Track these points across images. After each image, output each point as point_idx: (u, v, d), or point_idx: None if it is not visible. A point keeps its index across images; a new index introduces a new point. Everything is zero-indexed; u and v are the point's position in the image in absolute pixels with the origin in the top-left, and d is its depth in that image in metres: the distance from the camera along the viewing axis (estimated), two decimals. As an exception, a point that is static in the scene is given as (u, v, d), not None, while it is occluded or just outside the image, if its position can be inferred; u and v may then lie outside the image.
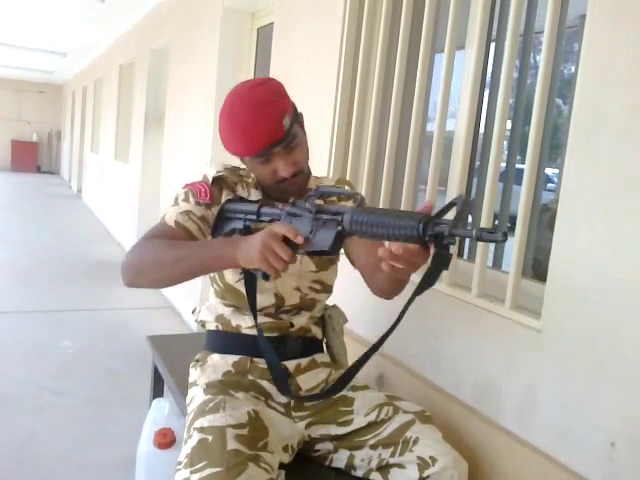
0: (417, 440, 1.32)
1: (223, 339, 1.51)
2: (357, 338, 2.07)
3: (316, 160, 2.42)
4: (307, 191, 1.50)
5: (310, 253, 1.17)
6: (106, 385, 2.98)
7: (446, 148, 1.92)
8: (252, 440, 1.24)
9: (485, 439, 1.55)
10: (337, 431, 1.42)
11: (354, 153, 2.31)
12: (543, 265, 1.54)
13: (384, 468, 1.35)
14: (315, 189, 1.24)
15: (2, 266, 5.28)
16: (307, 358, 1.51)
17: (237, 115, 1.34)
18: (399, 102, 2.10)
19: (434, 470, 1.27)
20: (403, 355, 1.92)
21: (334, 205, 1.16)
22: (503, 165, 1.92)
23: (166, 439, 1.75)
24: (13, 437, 2.39)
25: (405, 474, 1.31)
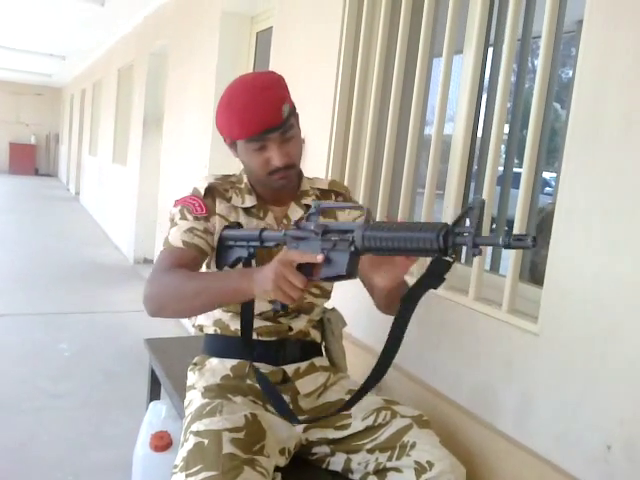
0: (414, 444, 1.31)
1: (222, 343, 1.51)
2: (356, 342, 2.07)
3: (314, 163, 2.44)
4: (301, 193, 1.51)
5: (326, 279, 1.11)
6: (103, 387, 2.97)
7: (444, 152, 1.92)
8: (248, 444, 1.24)
9: (483, 443, 1.55)
10: (334, 435, 1.42)
11: (352, 156, 2.32)
12: (540, 269, 1.54)
13: (381, 472, 1.34)
14: (314, 206, 1.19)
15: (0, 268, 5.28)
16: (306, 362, 1.50)
17: (236, 97, 1.35)
18: (397, 106, 2.11)
19: (431, 475, 1.26)
20: (400, 359, 1.91)
21: (341, 223, 1.12)
22: (501, 169, 1.92)
23: (162, 442, 1.75)
24: (10, 439, 2.38)
25: (402, 478, 1.30)
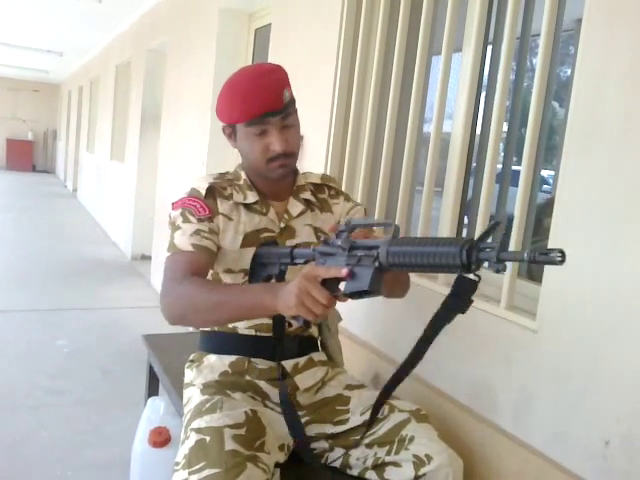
0: (412, 438, 1.32)
1: (219, 340, 1.51)
2: (352, 337, 2.08)
3: (313, 161, 2.44)
4: (298, 188, 1.52)
5: (350, 296, 1.07)
6: (101, 384, 2.97)
7: (443, 149, 1.93)
8: (249, 440, 1.24)
9: (480, 438, 1.56)
10: (333, 430, 1.43)
11: (351, 154, 2.32)
12: (538, 266, 1.55)
13: (379, 467, 1.35)
14: (345, 223, 1.15)
15: (-3, 265, 5.27)
16: (304, 357, 1.51)
17: (239, 82, 1.37)
18: (396, 103, 2.11)
19: (429, 468, 1.27)
20: (399, 355, 1.92)
21: (368, 239, 1.11)
22: (499, 166, 1.93)
23: (161, 438, 1.75)
24: (8, 436, 2.38)
25: (400, 472, 1.31)
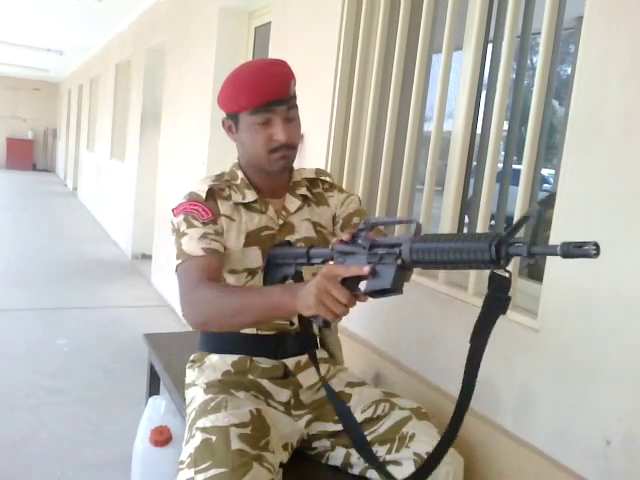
0: (413, 436, 1.32)
1: (221, 339, 1.50)
2: (352, 336, 2.08)
3: (314, 160, 2.44)
4: (294, 184, 1.52)
5: (371, 294, 1.05)
6: (102, 383, 2.98)
7: (443, 148, 1.93)
8: (255, 439, 1.24)
9: (481, 436, 1.56)
10: (334, 427, 1.42)
11: (351, 153, 2.32)
12: (539, 265, 1.55)
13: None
14: (364, 221, 1.13)
15: (-3, 264, 5.27)
16: (306, 355, 1.50)
17: (246, 70, 1.37)
18: (397, 102, 2.11)
19: (430, 467, 1.27)
20: (399, 353, 1.93)
21: (389, 237, 1.09)
22: (500, 165, 1.93)
23: (162, 437, 1.76)
24: (9, 436, 2.39)
25: (401, 471, 1.30)
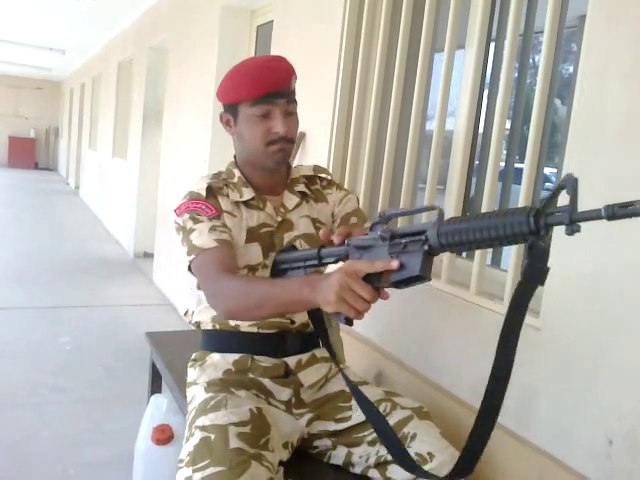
0: (415, 436, 1.32)
1: (222, 338, 1.51)
2: (353, 334, 2.08)
3: (316, 158, 2.43)
4: (292, 181, 1.53)
5: (398, 284, 1.01)
6: (104, 381, 2.98)
7: (445, 147, 1.92)
8: (254, 438, 1.24)
9: (482, 436, 1.56)
10: (335, 427, 1.43)
11: (353, 151, 2.32)
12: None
13: (382, 465, 1.35)
14: (380, 214, 1.10)
15: (-1, 262, 5.28)
16: (307, 354, 1.51)
17: (248, 63, 1.40)
18: (399, 101, 2.11)
19: (432, 466, 1.27)
20: (401, 353, 1.93)
21: (410, 225, 1.07)
22: (502, 164, 1.92)
23: (164, 435, 1.76)
24: (10, 434, 2.39)
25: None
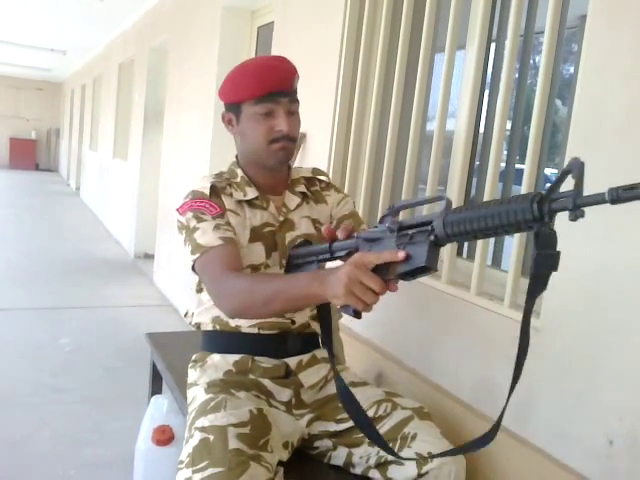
0: (415, 436, 1.32)
1: (222, 339, 1.50)
2: (355, 336, 2.08)
3: (316, 159, 2.44)
4: (292, 182, 1.53)
5: (405, 276, 1.01)
6: (104, 382, 2.98)
7: (446, 147, 1.92)
8: (253, 439, 1.24)
9: (483, 437, 1.56)
10: (336, 427, 1.43)
11: (354, 152, 2.32)
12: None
13: (382, 465, 1.35)
14: (389, 207, 1.11)
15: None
16: (308, 354, 1.51)
17: (251, 62, 1.44)
18: (399, 101, 2.11)
19: (432, 466, 1.27)
20: (402, 353, 1.93)
21: (417, 216, 1.04)
22: (503, 165, 1.92)
23: (164, 436, 1.76)
24: (11, 434, 2.39)
25: (403, 471, 1.31)
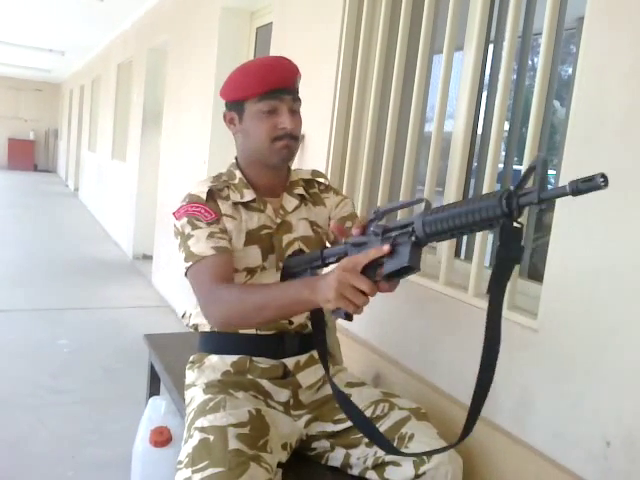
0: (412, 436, 1.32)
1: (220, 340, 1.50)
2: (352, 336, 2.08)
3: (314, 160, 2.44)
4: (291, 184, 1.53)
5: (391, 276, 1.06)
6: (102, 383, 2.98)
7: (444, 149, 1.93)
8: (253, 439, 1.24)
9: (481, 437, 1.56)
10: (333, 428, 1.43)
11: (352, 153, 2.32)
12: (540, 265, 1.55)
13: (380, 466, 1.35)
14: (374, 211, 1.14)
15: (-2, 264, 5.28)
16: (305, 355, 1.50)
17: (255, 61, 1.45)
18: (397, 102, 2.11)
19: (429, 466, 1.27)
20: (399, 354, 1.93)
21: (400, 219, 1.08)
22: (501, 166, 1.92)
23: (162, 437, 1.76)
24: (10, 435, 2.39)
25: (401, 471, 1.31)
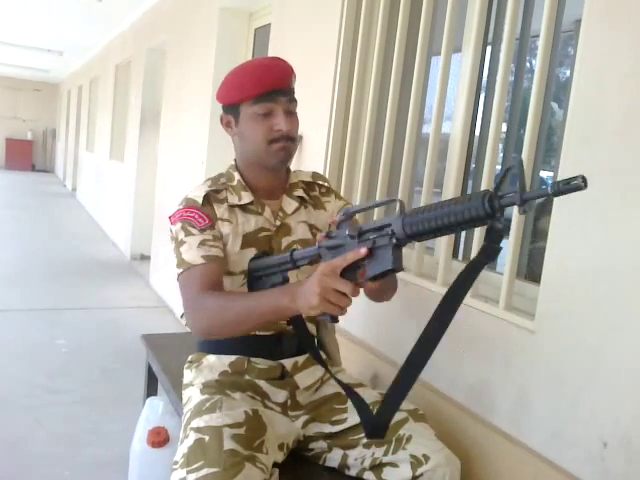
0: (410, 438, 1.32)
1: (218, 340, 1.48)
2: (350, 337, 2.08)
3: (312, 161, 2.44)
4: (290, 186, 1.52)
5: (374, 279, 1.07)
6: (100, 384, 2.97)
7: (442, 150, 1.93)
8: (248, 439, 1.24)
9: (478, 438, 1.56)
10: (331, 429, 1.43)
11: (350, 154, 2.32)
12: (537, 266, 1.55)
13: (377, 467, 1.35)
14: (343, 212, 1.16)
15: (-4, 264, 5.27)
16: (303, 356, 1.50)
17: (249, 63, 1.45)
18: (395, 104, 2.11)
19: (427, 468, 1.27)
20: (397, 355, 1.93)
21: (375, 221, 1.10)
22: (498, 167, 1.93)
23: (159, 438, 1.76)
24: (7, 435, 2.38)
25: (398, 473, 1.31)
